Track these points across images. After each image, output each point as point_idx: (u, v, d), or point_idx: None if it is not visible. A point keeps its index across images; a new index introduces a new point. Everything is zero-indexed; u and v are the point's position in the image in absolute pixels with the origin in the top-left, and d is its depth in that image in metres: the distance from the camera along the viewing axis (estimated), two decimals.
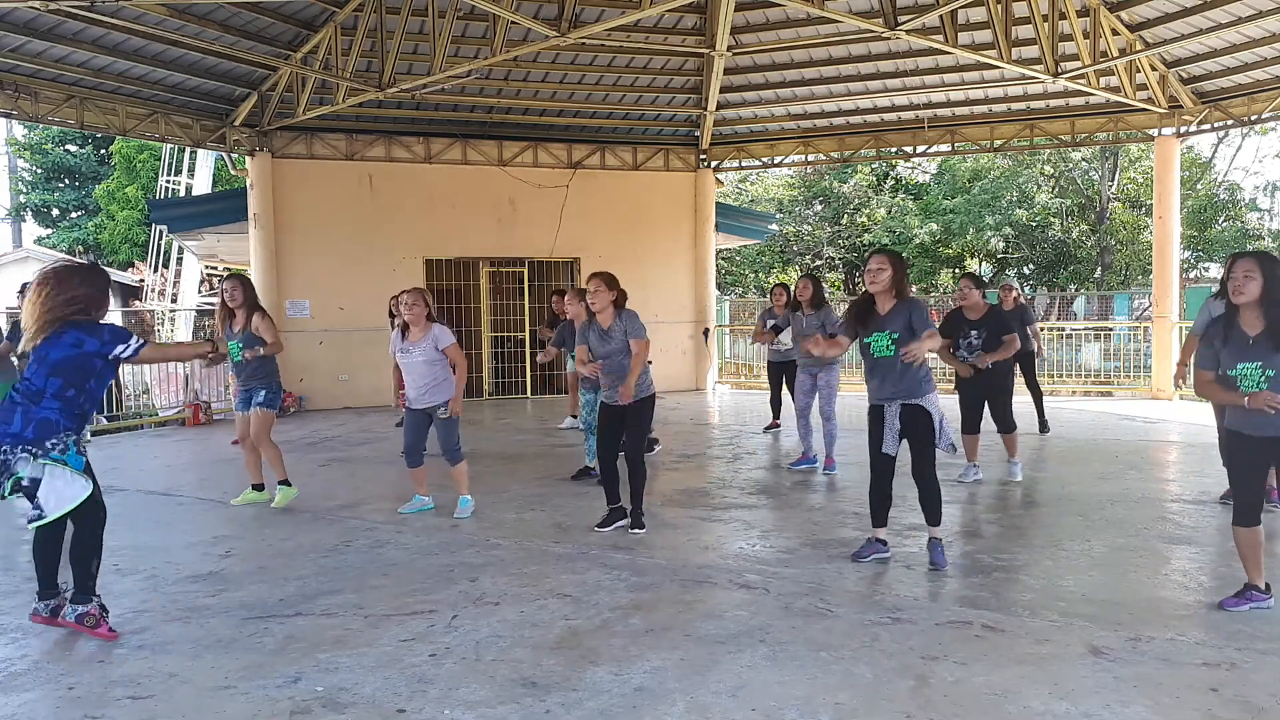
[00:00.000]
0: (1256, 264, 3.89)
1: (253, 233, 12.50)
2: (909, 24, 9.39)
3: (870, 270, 4.81)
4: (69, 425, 3.84)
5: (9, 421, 3.76)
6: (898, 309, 4.75)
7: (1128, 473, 7.39)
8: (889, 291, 4.76)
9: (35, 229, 36.31)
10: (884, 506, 4.93)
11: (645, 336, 5.59)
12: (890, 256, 4.83)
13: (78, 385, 3.87)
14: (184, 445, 9.93)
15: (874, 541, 4.97)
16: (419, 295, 6.05)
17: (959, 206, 26.69)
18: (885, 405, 4.77)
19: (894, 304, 4.76)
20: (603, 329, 5.63)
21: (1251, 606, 4.03)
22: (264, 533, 5.80)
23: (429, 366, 5.95)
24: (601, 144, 14.41)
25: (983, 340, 6.75)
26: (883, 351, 4.74)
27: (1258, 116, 12.25)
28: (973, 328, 6.79)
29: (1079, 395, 13.83)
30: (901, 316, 4.72)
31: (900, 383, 4.71)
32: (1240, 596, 4.08)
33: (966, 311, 6.87)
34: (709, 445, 9.22)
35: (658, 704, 3.23)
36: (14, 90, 10.27)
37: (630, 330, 5.57)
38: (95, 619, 3.91)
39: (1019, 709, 3.16)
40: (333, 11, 10.61)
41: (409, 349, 5.99)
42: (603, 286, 5.55)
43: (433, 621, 4.08)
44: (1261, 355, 3.86)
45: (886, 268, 4.74)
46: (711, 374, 15.23)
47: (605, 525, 5.68)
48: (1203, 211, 25.47)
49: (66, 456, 3.79)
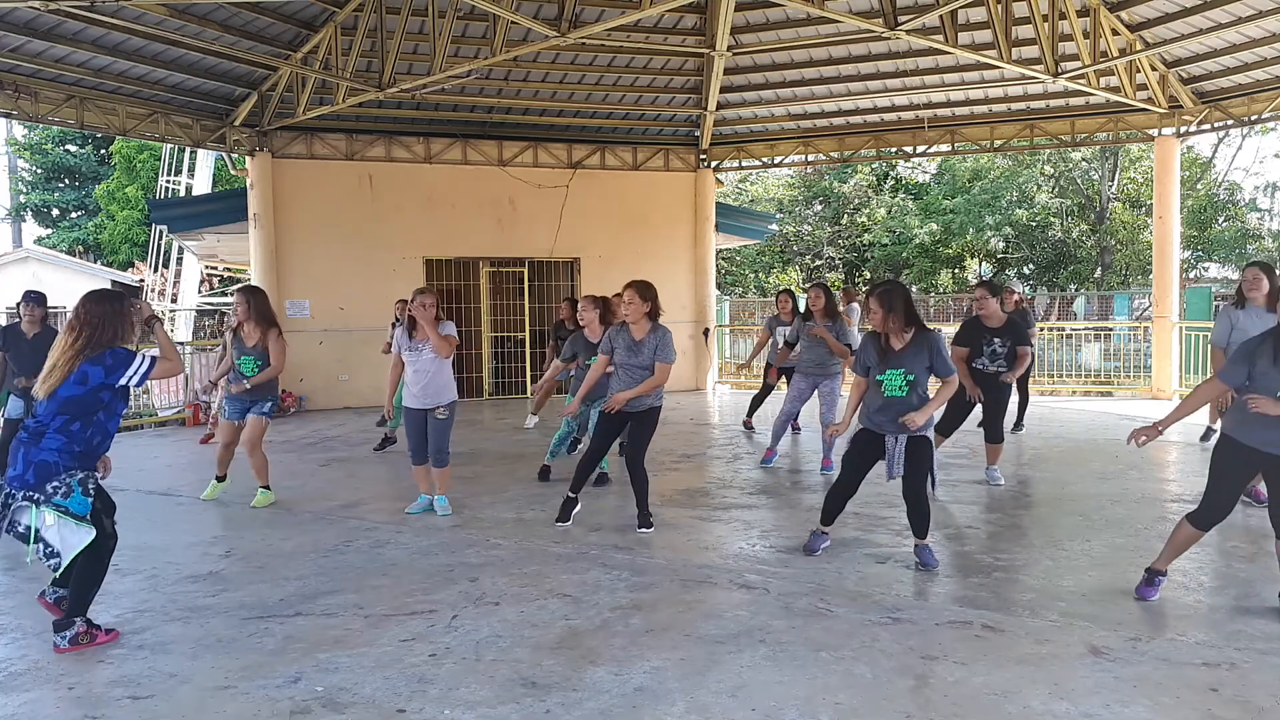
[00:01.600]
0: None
1: (253, 233, 12.49)
2: (909, 24, 9.38)
3: (870, 312, 4.72)
4: (69, 465, 3.72)
5: (14, 463, 3.71)
6: (916, 347, 4.64)
7: (1128, 473, 7.39)
8: (898, 328, 4.66)
9: (35, 229, 36.33)
10: (837, 512, 5.05)
11: (672, 361, 5.53)
12: (880, 297, 4.66)
13: (84, 418, 3.77)
14: (184, 445, 9.92)
15: (819, 534, 5.12)
16: (432, 295, 6.07)
17: (959, 206, 26.70)
18: (889, 436, 4.71)
19: (909, 338, 4.65)
20: (634, 340, 5.51)
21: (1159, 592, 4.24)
22: (264, 533, 5.80)
23: (436, 366, 5.97)
24: (601, 144, 14.41)
25: (1007, 350, 6.59)
26: (895, 391, 4.64)
27: (1258, 116, 12.24)
28: (995, 336, 6.62)
29: (1079, 395, 13.83)
30: (921, 358, 4.61)
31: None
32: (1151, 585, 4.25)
33: (985, 320, 6.68)
34: (709, 445, 9.22)
35: (658, 704, 3.23)
36: (14, 90, 10.27)
37: (661, 353, 5.47)
38: (89, 635, 3.82)
39: (1019, 709, 3.16)
40: (333, 11, 10.60)
41: (419, 347, 5.99)
42: (637, 297, 5.45)
43: (433, 621, 4.08)
44: None
45: (878, 310, 4.64)
46: (711, 374, 15.22)
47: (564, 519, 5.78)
48: (1203, 211, 25.46)
49: (69, 501, 3.69)
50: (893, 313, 4.63)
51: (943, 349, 4.68)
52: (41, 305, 6.82)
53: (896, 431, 4.68)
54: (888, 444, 4.72)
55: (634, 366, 5.50)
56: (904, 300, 4.70)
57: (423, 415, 6.06)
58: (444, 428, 6.06)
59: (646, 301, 5.47)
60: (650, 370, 5.49)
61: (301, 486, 7.27)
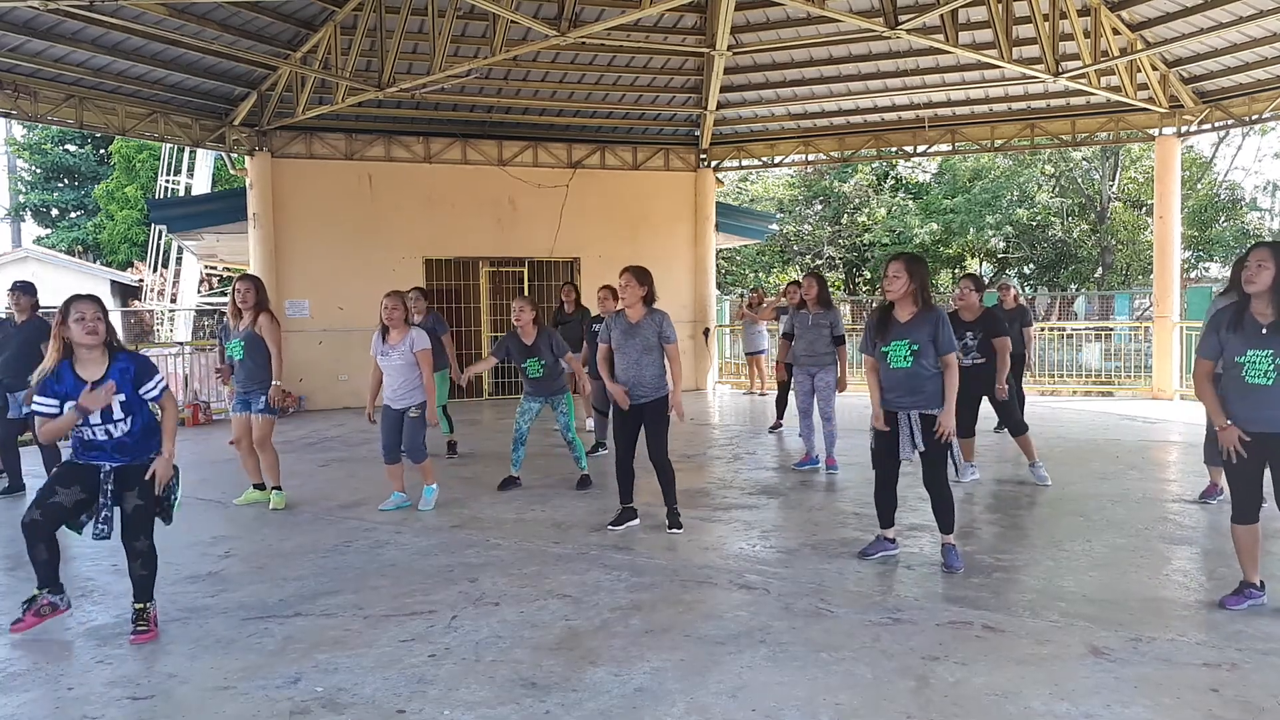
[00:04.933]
0: (1270, 254, 3.92)
1: (252, 232, 12.49)
2: (909, 23, 9.38)
3: (887, 276, 4.70)
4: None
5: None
6: (921, 319, 4.64)
7: (1128, 473, 7.38)
8: (908, 299, 4.66)
9: (35, 229, 36.33)
10: (890, 509, 4.95)
11: (676, 341, 5.59)
12: (908, 262, 4.66)
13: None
14: (184, 445, 9.84)
15: (882, 540, 5.00)
16: (398, 299, 6.23)
17: (959, 206, 26.69)
18: (901, 413, 4.69)
19: (916, 312, 4.66)
20: (630, 323, 5.57)
21: (1249, 604, 4.06)
22: (264, 533, 5.79)
23: (407, 369, 6.14)
24: (601, 144, 14.40)
25: (978, 342, 6.73)
26: (900, 362, 4.62)
27: (1258, 116, 12.24)
28: (968, 329, 6.74)
29: (1079, 395, 13.82)
30: (925, 329, 4.61)
31: (919, 393, 4.64)
32: (1239, 594, 4.10)
33: (962, 313, 6.80)
34: (709, 445, 9.22)
35: (658, 704, 3.23)
36: (13, 90, 10.26)
37: (664, 333, 5.53)
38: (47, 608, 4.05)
39: (1019, 709, 3.15)
40: (332, 11, 10.60)
41: (388, 351, 6.18)
42: (634, 281, 5.53)
43: (432, 622, 4.07)
44: (1273, 344, 3.88)
45: (902, 275, 4.63)
46: (712, 374, 15.22)
47: (618, 524, 5.68)
48: (1203, 211, 25.46)
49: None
50: (913, 282, 4.64)
51: (947, 324, 4.67)
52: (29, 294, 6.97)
53: (909, 405, 4.65)
54: (900, 421, 4.69)
55: (631, 348, 5.53)
56: (925, 275, 4.72)
57: (398, 415, 6.23)
58: (417, 426, 6.20)
59: (643, 286, 5.55)
60: (651, 350, 5.52)
61: (301, 486, 7.26)
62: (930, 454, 4.65)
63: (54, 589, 4.02)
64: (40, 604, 3.99)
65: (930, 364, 4.62)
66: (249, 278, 6.56)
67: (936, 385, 4.63)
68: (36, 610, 3.98)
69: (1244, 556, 4.13)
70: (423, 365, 6.15)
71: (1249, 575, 4.12)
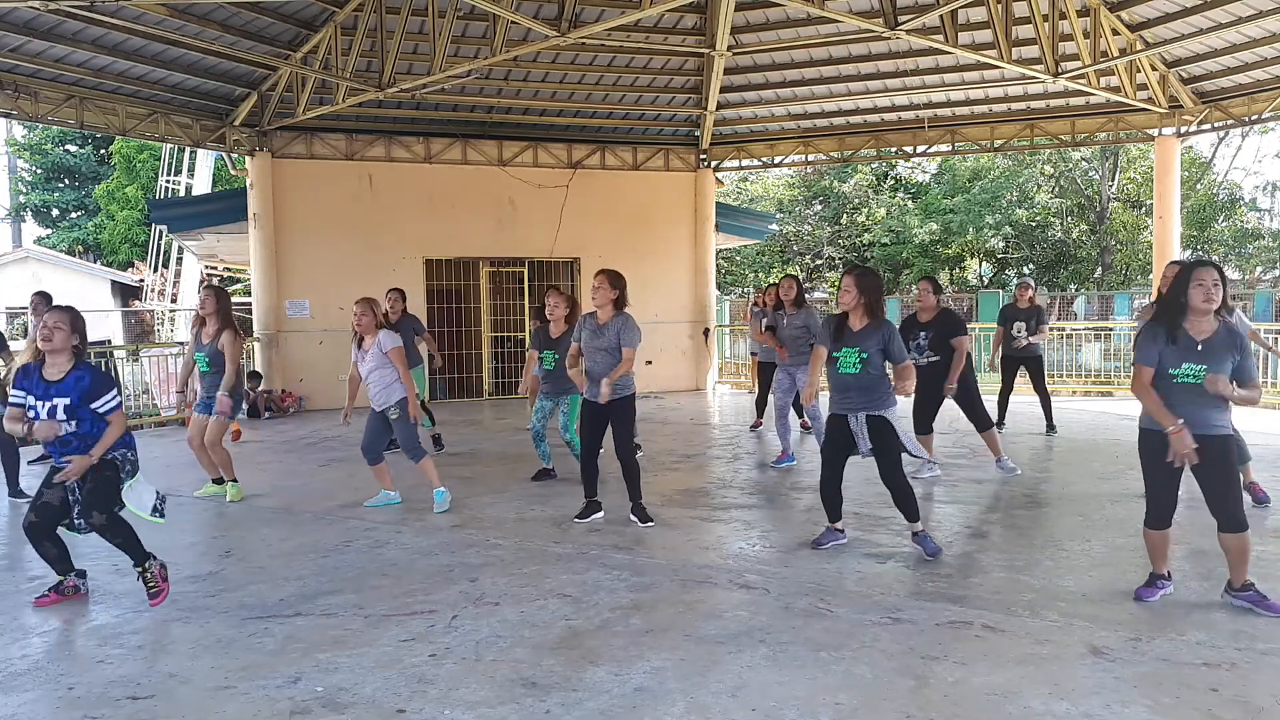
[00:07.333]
0: (1220, 274, 3.99)
1: (252, 233, 12.49)
2: (909, 24, 9.39)
3: (840, 289, 4.98)
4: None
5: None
6: (871, 329, 4.88)
7: (1128, 473, 7.38)
8: (860, 309, 4.91)
9: (35, 229, 36.36)
10: (837, 503, 5.18)
11: (637, 346, 5.70)
12: (858, 278, 4.94)
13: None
14: (183, 445, 9.85)
15: (831, 530, 5.23)
16: (367, 306, 6.39)
17: (959, 206, 26.71)
18: (850, 415, 4.94)
19: (868, 323, 4.90)
20: (598, 324, 5.74)
21: (1161, 594, 4.25)
22: (264, 533, 5.80)
23: (381, 371, 6.25)
24: (601, 144, 14.41)
25: (930, 340, 6.92)
26: (849, 368, 4.89)
27: (1258, 116, 12.25)
28: (922, 329, 6.96)
29: (1079, 395, 13.82)
30: (875, 339, 4.85)
31: (864, 396, 4.89)
32: (1150, 586, 4.28)
33: (920, 314, 7.07)
34: (709, 445, 9.22)
35: (658, 704, 3.23)
36: (14, 90, 10.27)
37: (624, 337, 5.67)
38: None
39: (1019, 709, 3.16)
40: (333, 11, 10.60)
41: (363, 357, 6.33)
42: (605, 283, 5.70)
43: (433, 621, 4.08)
44: (1208, 359, 3.93)
45: (852, 289, 4.89)
46: (711, 374, 15.22)
47: (583, 516, 5.91)
48: (1203, 211, 25.47)
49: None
50: (864, 296, 4.88)
51: (896, 336, 4.92)
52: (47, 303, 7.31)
53: (856, 407, 4.92)
54: (850, 423, 4.94)
55: (596, 349, 5.70)
56: (876, 289, 4.96)
57: (379, 416, 6.34)
58: (404, 425, 6.27)
59: (615, 289, 5.72)
60: (613, 353, 5.66)
61: (301, 486, 7.27)
62: (881, 451, 4.90)
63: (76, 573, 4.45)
64: (65, 586, 4.39)
65: (877, 369, 4.88)
66: (211, 288, 6.92)
67: (880, 389, 4.89)
68: (60, 589, 4.38)
69: (1154, 554, 4.30)
70: (396, 363, 6.24)
71: (1158, 568, 4.31)
